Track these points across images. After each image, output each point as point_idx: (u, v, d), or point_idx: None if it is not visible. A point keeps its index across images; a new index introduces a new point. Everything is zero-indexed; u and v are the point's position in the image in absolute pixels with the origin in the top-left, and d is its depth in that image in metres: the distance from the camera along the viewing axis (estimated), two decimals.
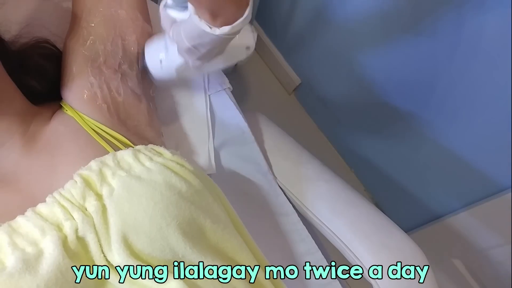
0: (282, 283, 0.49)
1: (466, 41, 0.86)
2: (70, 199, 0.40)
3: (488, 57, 0.84)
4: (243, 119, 0.68)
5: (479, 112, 0.92)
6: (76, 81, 0.50)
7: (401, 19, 0.98)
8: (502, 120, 0.88)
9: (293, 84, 1.49)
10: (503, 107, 0.86)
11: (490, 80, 0.86)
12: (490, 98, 0.88)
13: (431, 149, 1.10)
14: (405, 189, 1.25)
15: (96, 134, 0.47)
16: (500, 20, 0.77)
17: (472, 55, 0.87)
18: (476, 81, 0.89)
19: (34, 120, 0.47)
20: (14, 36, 0.52)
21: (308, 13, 1.28)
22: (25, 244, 0.36)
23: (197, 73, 0.67)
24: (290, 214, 0.66)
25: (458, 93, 0.94)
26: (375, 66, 1.13)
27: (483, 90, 0.89)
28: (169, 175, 0.43)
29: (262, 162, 0.67)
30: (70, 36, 0.52)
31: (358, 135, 1.35)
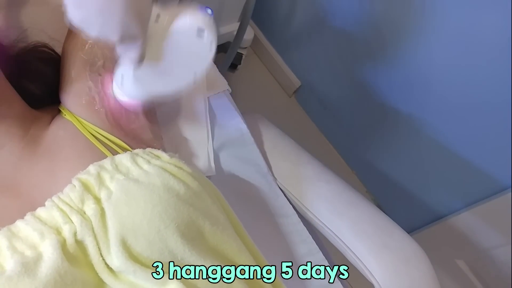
0: (282, 283, 0.49)
1: (465, 40, 0.86)
2: (68, 203, 0.40)
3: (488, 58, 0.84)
4: (242, 121, 0.68)
5: (480, 112, 0.92)
6: (74, 85, 0.50)
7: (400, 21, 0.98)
8: (502, 120, 0.88)
9: (293, 87, 1.49)
10: (504, 107, 0.86)
11: (490, 81, 0.86)
12: (491, 98, 0.88)
13: (432, 149, 1.09)
14: (407, 190, 1.25)
15: (94, 138, 0.47)
16: (501, 19, 0.77)
17: (472, 55, 0.87)
18: (476, 82, 0.89)
19: (33, 124, 0.48)
20: (13, 41, 0.53)
21: (307, 15, 1.28)
22: (24, 248, 0.37)
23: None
24: (290, 215, 0.66)
25: (458, 94, 0.94)
26: (375, 68, 1.13)
27: (483, 91, 0.89)
28: (167, 178, 0.43)
29: (261, 163, 0.67)
30: (68, 40, 0.52)
31: (359, 137, 1.35)
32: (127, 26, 0.35)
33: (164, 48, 0.41)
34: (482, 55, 0.85)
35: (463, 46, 0.88)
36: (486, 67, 0.85)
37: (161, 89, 0.45)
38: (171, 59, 0.42)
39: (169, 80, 0.44)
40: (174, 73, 0.44)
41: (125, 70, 0.44)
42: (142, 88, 0.45)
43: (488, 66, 0.85)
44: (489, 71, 0.85)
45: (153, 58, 0.41)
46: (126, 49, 0.39)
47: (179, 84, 0.45)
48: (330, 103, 1.39)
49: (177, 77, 0.45)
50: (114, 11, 0.33)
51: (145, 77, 0.43)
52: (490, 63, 0.84)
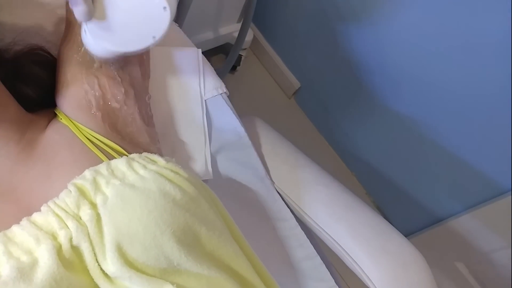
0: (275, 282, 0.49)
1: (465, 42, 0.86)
2: (64, 208, 0.40)
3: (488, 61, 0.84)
4: (240, 124, 0.68)
5: (480, 115, 0.92)
6: (70, 88, 0.49)
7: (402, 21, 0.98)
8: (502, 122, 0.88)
9: (292, 88, 1.49)
10: (503, 109, 0.85)
11: (490, 84, 0.86)
12: (491, 101, 0.88)
13: (432, 151, 1.09)
14: (407, 192, 1.25)
15: (90, 143, 0.47)
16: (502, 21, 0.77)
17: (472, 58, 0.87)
18: (477, 84, 0.89)
19: (29, 128, 0.47)
20: (8, 44, 0.52)
21: (307, 17, 1.28)
22: (20, 253, 0.37)
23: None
24: (288, 219, 0.66)
25: (458, 97, 0.94)
26: (376, 69, 1.13)
27: (484, 93, 0.89)
28: (163, 183, 0.43)
29: (259, 167, 0.67)
30: (64, 43, 0.52)
31: (359, 139, 1.35)
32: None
33: (109, 4, 0.41)
34: (483, 58, 0.85)
35: (463, 48, 0.88)
36: (486, 70, 0.85)
37: (119, 47, 0.45)
38: (121, 17, 0.43)
39: (124, 38, 0.44)
40: (129, 32, 0.44)
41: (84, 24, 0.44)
42: (100, 44, 0.45)
43: (488, 69, 0.85)
44: (489, 74, 0.85)
45: (101, 14, 0.42)
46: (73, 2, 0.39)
47: (137, 44, 0.45)
48: (329, 105, 1.39)
49: (133, 37, 0.45)
50: None
51: (99, 33, 0.43)
52: (490, 66, 0.84)
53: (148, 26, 0.44)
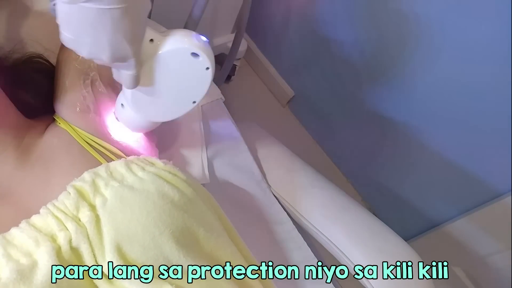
0: (272, 283, 0.49)
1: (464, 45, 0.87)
2: (63, 210, 0.40)
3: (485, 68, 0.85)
4: (236, 129, 0.69)
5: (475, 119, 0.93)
6: (68, 94, 0.50)
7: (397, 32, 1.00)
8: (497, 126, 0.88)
9: (286, 97, 1.50)
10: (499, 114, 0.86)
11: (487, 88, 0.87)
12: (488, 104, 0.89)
13: (426, 157, 1.10)
14: (403, 197, 1.25)
15: (89, 146, 0.47)
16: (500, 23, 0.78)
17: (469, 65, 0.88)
18: (474, 88, 0.90)
19: (27, 133, 0.48)
20: (8, 52, 0.53)
21: (300, 27, 1.30)
22: (19, 256, 0.37)
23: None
24: (285, 222, 0.66)
25: (454, 101, 0.95)
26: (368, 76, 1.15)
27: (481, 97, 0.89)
28: (162, 184, 0.43)
29: (256, 170, 0.68)
30: (62, 51, 0.53)
31: (353, 146, 1.36)
32: (116, 46, 0.35)
33: (157, 71, 0.41)
34: (479, 65, 0.86)
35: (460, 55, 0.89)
36: (483, 75, 0.86)
37: (160, 114, 0.46)
38: (166, 83, 0.42)
39: (166, 105, 0.45)
40: (171, 98, 0.44)
41: (123, 97, 0.45)
42: (140, 112, 0.45)
43: (485, 74, 0.86)
44: (486, 78, 0.86)
45: (148, 81, 0.41)
46: (119, 69, 0.40)
47: (177, 109, 0.46)
48: (323, 113, 1.40)
49: (175, 102, 0.45)
50: (102, 31, 0.34)
51: (141, 101, 0.44)
52: (487, 71, 0.85)
53: (189, 90, 0.44)
